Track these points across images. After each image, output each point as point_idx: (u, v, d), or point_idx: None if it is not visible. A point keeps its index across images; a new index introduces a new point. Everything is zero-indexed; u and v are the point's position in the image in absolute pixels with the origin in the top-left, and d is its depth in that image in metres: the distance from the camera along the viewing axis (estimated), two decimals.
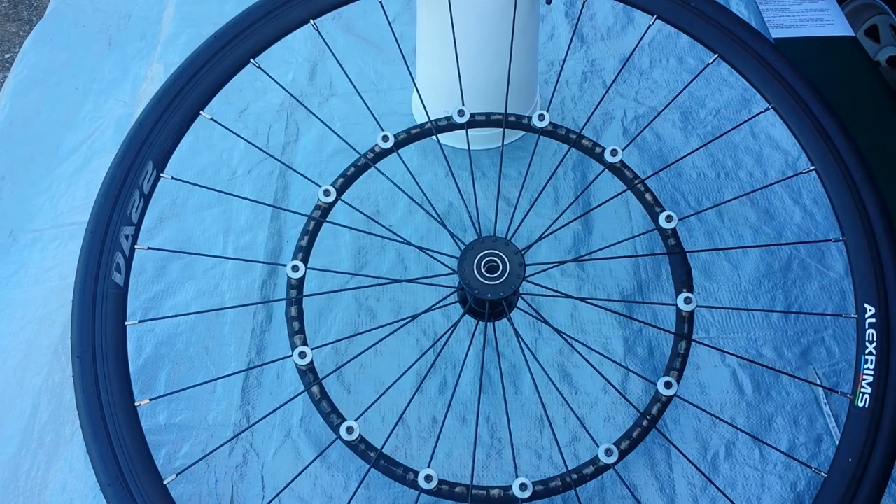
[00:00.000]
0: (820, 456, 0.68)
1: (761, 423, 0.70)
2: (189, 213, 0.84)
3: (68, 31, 1.03)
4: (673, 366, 0.59)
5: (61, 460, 0.68)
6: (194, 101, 0.63)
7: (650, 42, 0.98)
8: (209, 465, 0.67)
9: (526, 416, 0.70)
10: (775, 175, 0.86)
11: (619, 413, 0.70)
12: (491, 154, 0.88)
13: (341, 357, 0.73)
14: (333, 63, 0.96)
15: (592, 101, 0.93)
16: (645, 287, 0.78)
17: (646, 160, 0.87)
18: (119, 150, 0.61)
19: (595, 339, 0.74)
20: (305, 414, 0.70)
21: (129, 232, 0.60)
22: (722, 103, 0.92)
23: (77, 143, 0.91)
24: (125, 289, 0.59)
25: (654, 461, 0.68)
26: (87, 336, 0.56)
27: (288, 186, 0.86)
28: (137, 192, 0.60)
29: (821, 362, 0.73)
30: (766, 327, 0.75)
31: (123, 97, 0.96)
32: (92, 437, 0.54)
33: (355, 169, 0.65)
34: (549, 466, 0.68)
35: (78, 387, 0.56)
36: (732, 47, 0.65)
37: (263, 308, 0.77)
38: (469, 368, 0.72)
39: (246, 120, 0.92)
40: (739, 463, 0.67)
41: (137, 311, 0.76)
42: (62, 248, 0.82)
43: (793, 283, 0.78)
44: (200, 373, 0.73)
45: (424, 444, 0.69)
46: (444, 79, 0.77)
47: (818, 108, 0.63)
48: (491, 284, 0.59)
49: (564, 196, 0.84)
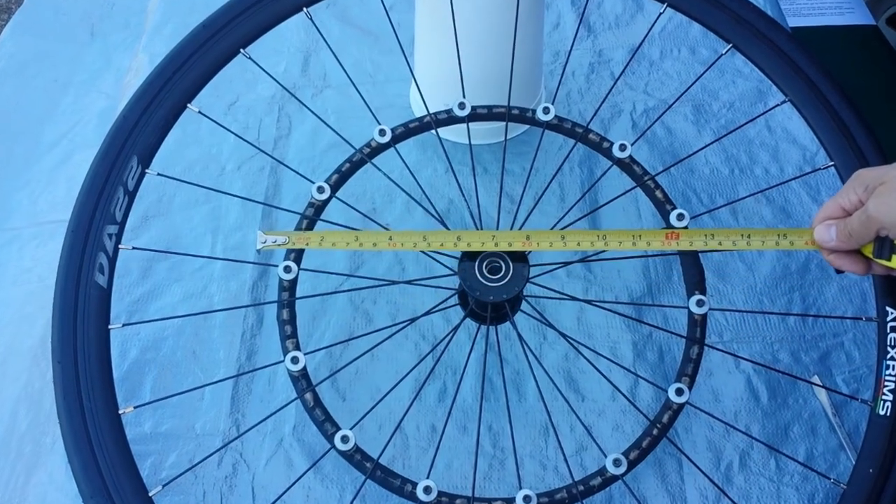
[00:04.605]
0: (839, 466, 0.68)
1: (777, 432, 0.70)
2: (176, 211, 0.84)
3: (48, 20, 1.03)
4: (685, 372, 0.59)
5: (41, 471, 0.68)
6: (181, 94, 0.63)
7: (660, 31, 0.98)
8: (197, 476, 0.67)
9: (530, 424, 0.70)
10: (792, 171, 0.86)
11: (627, 421, 0.70)
12: (493, 149, 0.88)
13: (336, 363, 0.73)
14: (327, 53, 0.96)
15: (600, 94, 0.93)
16: (655, 289, 0.78)
17: (656, 155, 0.87)
18: (102, 145, 0.61)
19: (603, 343, 0.74)
20: (298, 422, 0.70)
21: (112, 231, 0.60)
22: (736, 96, 0.92)
23: (57, 138, 0.91)
24: (108, 291, 0.59)
25: (665, 472, 0.68)
26: (68, 340, 0.56)
27: (280, 183, 0.86)
28: (121, 188, 0.60)
29: (840, 368, 0.73)
30: (782, 331, 0.75)
31: (106, 89, 0.96)
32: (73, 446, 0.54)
33: (351, 165, 0.65)
34: (554, 477, 0.68)
35: (59, 394, 0.56)
36: (747, 36, 0.65)
37: (254, 311, 0.77)
38: (470, 374, 0.72)
39: (235, 113, 0.92)
40: (754, 474, 0.68)
41: (121, 315, 0.76)
42: (41, 247, 0.82)
43: (811, 284, 0.78)
44: (188, 379, 0.73)
45: (423, 454, 0.69)
46: (444, 70, 0.77)
47: (837, 101, 0.63)
48: (493, 286, 0.59)
49: (570, 193, 0.84)
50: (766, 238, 0.57)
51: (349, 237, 0.58)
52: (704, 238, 0.58)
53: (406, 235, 0.59)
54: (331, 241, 0.58)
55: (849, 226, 0.52)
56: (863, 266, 0.54)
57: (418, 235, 0.58)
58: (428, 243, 0.58)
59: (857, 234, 0.52)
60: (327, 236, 0.59)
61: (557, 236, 0.58)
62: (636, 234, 0.58)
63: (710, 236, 0.58)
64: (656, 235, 0.58)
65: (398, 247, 0.58)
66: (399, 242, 0.58)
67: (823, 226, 0.55)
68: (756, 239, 0.57)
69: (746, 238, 0.57)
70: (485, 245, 0.58)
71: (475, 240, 0.58)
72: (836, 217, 0.54)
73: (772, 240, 0.57)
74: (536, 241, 0.58)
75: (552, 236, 0.58)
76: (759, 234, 0.58)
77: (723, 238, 0.58)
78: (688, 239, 0.58)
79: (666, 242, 0.58)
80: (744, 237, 0.57)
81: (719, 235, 0.58)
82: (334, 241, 0.58)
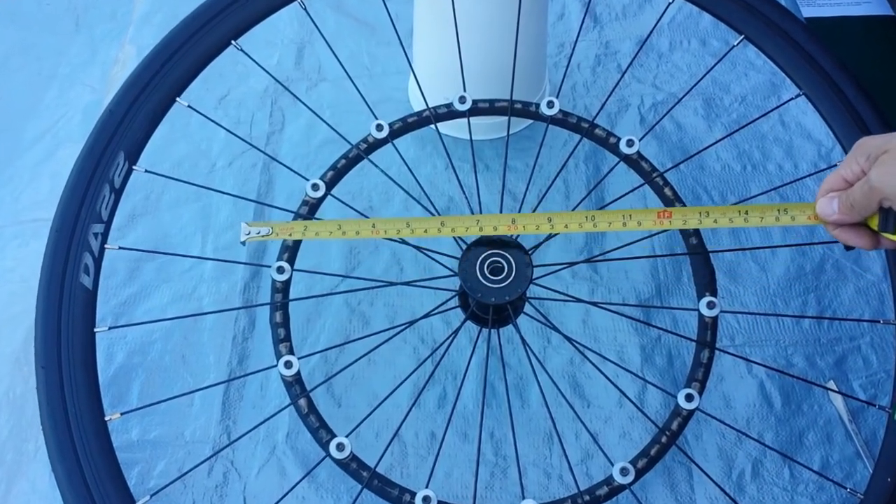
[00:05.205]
0: (856, 475, 0.68)
1: (791, 440, 0.70)
2: (164, 210, 0.84)
3: (31, 10, 1.03)
4: (695, 377, 0.59)
5: (24, 480, 0.68)
6: (170, 87, 0.63)
7: (669, 22, 0.98)
8: (186, 485, 0.67)
9: (533, 431, 0.70)
10: (807, 167, 0.86)
11: (635, 428, 0.70)
12: (495, 144, 0.88)
13: (331, 367, 0.73)
14: (322, 45, 0.96)
15: (606, 87, 0.93)
16: (664, 290, 0.78)
17: (665, 151, 0.87)
18: (87, 141, 0.61)
19: (609, 347, 0.74)
20: (292, 429, 0.70)
21: (98, 230, 0.60)
22: (748, 89, 0.92)
23: (41, 133, 0.92)
24: (94, 292, 0.59)
25: (674, 481, 0.68)
26: (52, 344, 0.56)
27: (272, 180, 0.86)
28: (107, 186, 0.60)
29: (857, 373, 0.73)
30: (796, 334, 0.75)
31: (92, 82, 0.96)
32: (57, 454, 0.54)
33: (346, 161, 0.65)
34: (558, 487, 0.68)
35: (42, 399, 0.56)
36: (760, 27, 0.65)
37: (246, 313, 0.77)
38: (471, 379, 0.72)
39: (227, 107, 0.92)
40: (767, 483, 0.68)
41: (107, 317, 0.76)
42: (24, 247, 0.82)
43: (826, 285, 0.78)
44: (177, 384, 0.73)
45: (422, 462, 0.69)
46: (444, 62, 0.77)
47: (854, 95, 0.63)
48: (495, 287, 0.59)
49: (575, 190, 0.84)
50: (766, 214, 0.56)
51: (332, 226, 0.59)
52: (699, 215, 0.57)
53: (389, 223, 0.59)
54: (314, 230, 0.59)
55: (851, 197, 0.51)
56: (870, 240, 0.53)
57: (401, 222, 0.59)
58: (412, 230, 0.59)
59: (860, 206, 0.51)
60: (310, 226, 0.59)
61: (544, 218, 0.58)
62: (626, 214, 0.57)
63: (704, 214, 0.57)
64: (648, 214, 0.57)
65: (381, 234, 0.59)
66: (382, 230, 0.59)
67: (826, 198, 0.53)
68: (754, 215, 0.56)
69: (744, 215, 0.56)
70: (469, 230, 0.58)
71: (459, 225, 0.58)
72: (838, 189, 0.53)
73: (771, 215, 0.56)
74: (522, 224, 0.58)
75: (538, 219, 0.58)
76: (758, 210, 0.56)
77: (718, 215, 0.57)
78: (681, 217, 0.57)
79: (658, 221, 0.57)
80: (741, 214, 0.56)
81: (715, 213, 0.57)
82: (317, 231, 0.59)
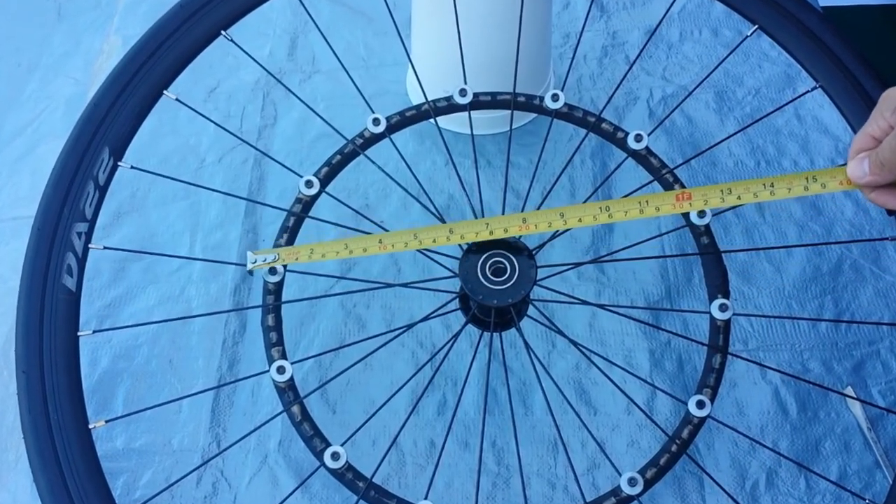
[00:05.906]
0: (875, 486, 0.68)
1: (807, 449, 0.70)
2: (151, 208, 0.84)
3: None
4: (706, 382, 0.59)
5: (3, 490, 0.68)
6: (157, 79, 0.63)
7: (680, 11, 0.98)
8: (174, 495, 0.67)
9: (537, 440, 0.70)
10: (823, 163, 0.86)
11: (644, 437, 0.70)
12: (497, 140, 0.88)
13: (326, 372, 0.73)
14: (316, 35, 0.96)
15: (614, 79, 0.93)
16: (674, 292, 0.78)
17: (675, 147, 0.87)
18: (70, 135, 0.61)
19: (617, 351, 0.75)
20: (284, 437, 0.70)
21: (82, 229, 0.60)
22: (762, 81, 0.92)
23: (21, 127, 0.92)
24: (78, 294, 0.59)
25: (685, 492, 0.68)
26: (33, 348, 0.56)
27: (264, 177, 0.86)
28: (92, 183, 0.60)
29: (876, 378, 0.73)
30: (813, 338, 0.75)
31: (75, 74, 0.96)
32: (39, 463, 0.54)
33: (342, 157, 0.65)
34: (563, 498, 0.68)
35: (23, 406, 0.56)
36: (774, 17, 0.65)
37: (236, 316, 0.77)
38: (472, 385, 0.72)
39: (216, 100, 0.92)
40: (782, 493, 0.68)
41: (92, 320, 0.76)
42: (4, 246, 0.82)
43: (844, 287, 0.78)
44: (164, 390, 0.73)
45: (421, 472, 0.69)
46: (444, 53, 0.77)
47: (872, 87, 0.63)
48: (497, 289, 0.59)
49: (581, 187, 0.84)
50: (794, 184, 0.55)
51: (339, 246, 0.59)
52: (721, 194, 0.56)
53: (396, 236, 0.59)
54: (321, 252, 0.59)
55: (880, 155, 0.50)
56: None
57: (409, 234, 0.59)
58: (419, 241, 0.58)
59: (890, 163, 0.49)
60: (317, 248, 0.59)
61: (556, 214, 0.58)
62: (643, 200, 0.57)
63: (727, 191, 0.56)
64: (665, 198, 0.56)
65: (389, 249, 0.59)
66: (390, 244, 0.59)
67: (856, 160, 0.52)
68: (781, 186, 0.55)
69: (770, 188, 0.55)
70: (479, 234, 0.58)
71: (468, 230, 0.58)
72: (868, 148, 0.51)
73: (800, 185, 0.55)
74: (534, 222, 0.58)
75: (550, 216, 0.58)
76: (785, 180, 0.55)
77: (742, 191, 0.55)
78: (701, 197, 0.56)
79: (677, 205, 0.56)
80: (766, 187, 0.55)
81: (738, 189, 0.56)
82: (324, 253, 0.59)
